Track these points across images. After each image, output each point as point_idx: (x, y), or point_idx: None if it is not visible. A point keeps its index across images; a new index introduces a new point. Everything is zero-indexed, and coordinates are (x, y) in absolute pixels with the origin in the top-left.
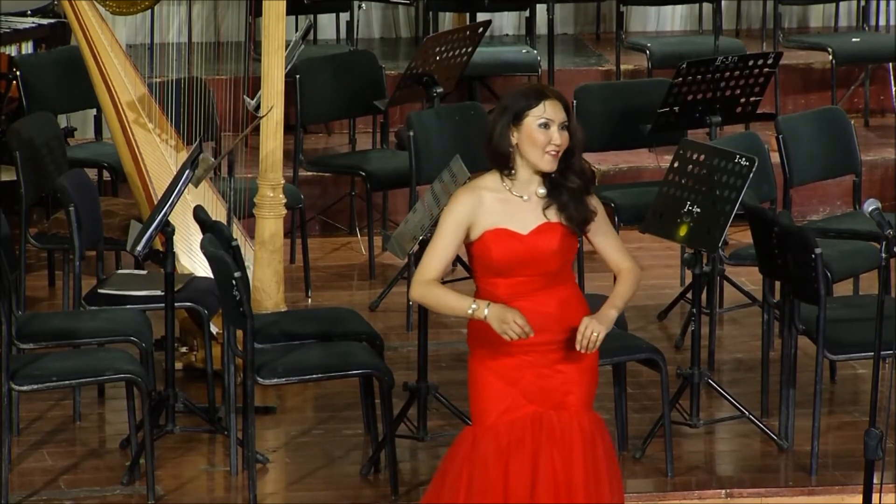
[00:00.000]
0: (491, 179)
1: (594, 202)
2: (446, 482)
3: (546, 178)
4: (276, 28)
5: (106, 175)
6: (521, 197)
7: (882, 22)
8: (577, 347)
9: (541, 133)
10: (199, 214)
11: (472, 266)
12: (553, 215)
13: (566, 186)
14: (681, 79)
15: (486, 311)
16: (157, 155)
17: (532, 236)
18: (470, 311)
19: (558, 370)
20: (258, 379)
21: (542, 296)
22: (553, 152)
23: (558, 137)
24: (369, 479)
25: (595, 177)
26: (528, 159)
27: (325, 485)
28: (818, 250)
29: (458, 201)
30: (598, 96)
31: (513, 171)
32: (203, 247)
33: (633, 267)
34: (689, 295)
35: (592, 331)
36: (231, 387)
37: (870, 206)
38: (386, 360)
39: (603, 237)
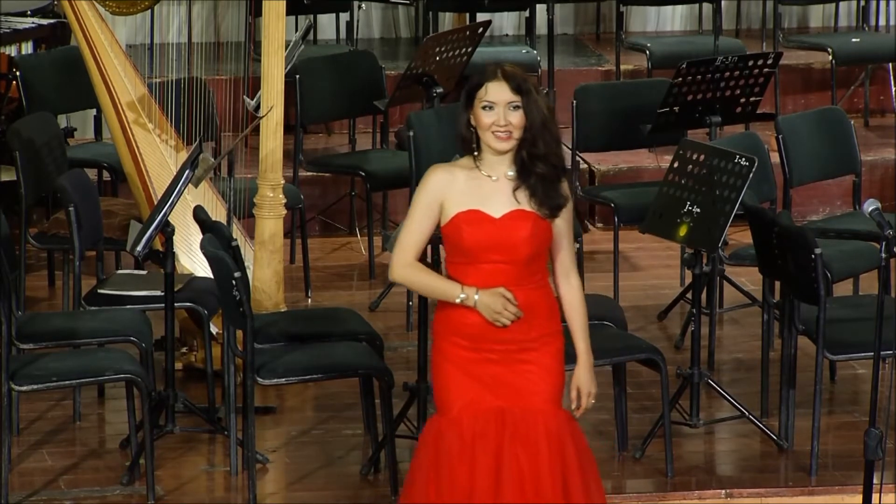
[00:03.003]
0: (465, 160)
1: (566, 190)
2: (418, 478)
3: (515, 160)
4: (276, 28)
5: (106, 175)
6: (491, 177)
7: (882, 22)
8: (577, 413)
9: (484, 115)
10: (199, 214)
11: (445, 250)
12: (524, 199)
13: (534, 171)
14: (681, 79)
15: (476, 298)
16: (157, 155)
17: (504, 220)
18: (459, 300)
19: (523, 370)
20: (258, 379)
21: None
22: (499, 133)
23: (502, 118)
24: (369, 479)
25: (564, 164)
26: (484, 140)
27: (325, 485)
28: (818, 250)
29: (429, 178)
30: (598, 96)
31: (478, 153)
32: (203, 247)
33: (580, 285)
34: (689, 295)
35: (589, 392)
36: (231, 387)
37: (870, 206)
38: (386, 360)
39: (563, 231)
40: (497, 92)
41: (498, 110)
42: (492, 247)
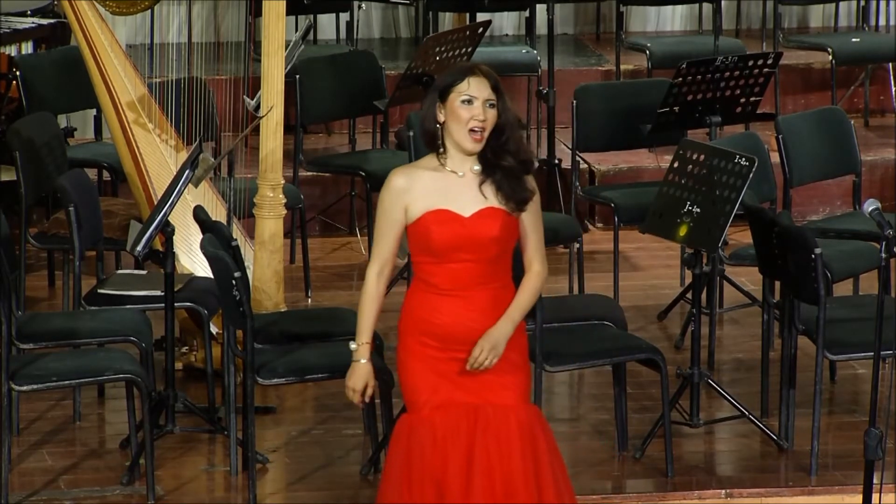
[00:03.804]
0: (428, 158)
1: (532, 184)
2: (391, 476)
3: (480, 156)
4: (276, 28)
5: (106, 175)
6: (457, 173)
7: (882, 22)
8: (467, 366)
9: (463, 109)
10: (199, 214)
11: (410, 249)
12: (490, 194)
13: (500, 165)
14: (681, 79)
15: (357, 361)
16: (157, 155)
17: (473, 220)
18: (352, 346)
19: (491, 367)
20: (258, 379)
21: (476, 291)
22: (476, 129)
23: (482, 113)
24: (369, 479)
25: (532, 160)
26: (454, 138)
27: (325, 485)
28: (818, 250)
29: (389, 184)
30: (598, 96)
31: (443, 150)
32: (203, 247)
33: (540, 271)
34: (689, 295)
35: (482, 351)
36: (231, 387)
37: (870, 206)
38: (386, 360)
39: (529, 225)
40: (478, 87)
41: (477, 105)
42: (461, 246)
